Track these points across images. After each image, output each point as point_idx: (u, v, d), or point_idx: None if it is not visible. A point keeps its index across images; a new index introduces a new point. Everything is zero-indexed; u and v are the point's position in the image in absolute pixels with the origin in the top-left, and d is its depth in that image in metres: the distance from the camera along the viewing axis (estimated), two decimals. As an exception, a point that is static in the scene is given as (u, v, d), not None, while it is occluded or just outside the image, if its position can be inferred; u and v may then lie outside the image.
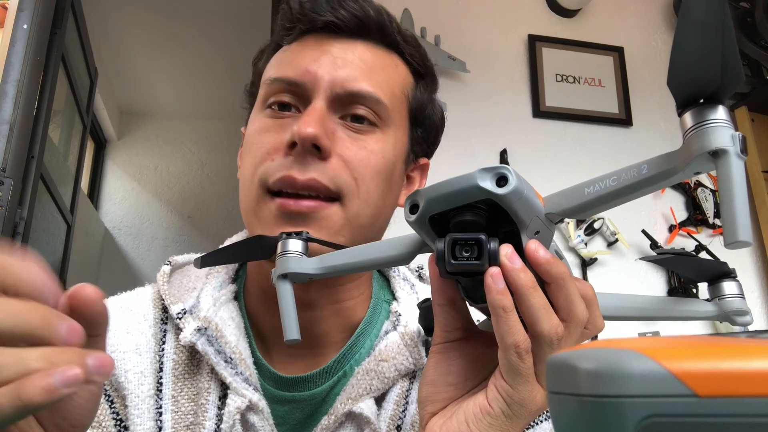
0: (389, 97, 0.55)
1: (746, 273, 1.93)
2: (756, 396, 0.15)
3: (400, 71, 0.59)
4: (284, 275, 0.42)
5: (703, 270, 0.47)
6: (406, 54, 0.59)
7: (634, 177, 0.33)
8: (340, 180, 0.52)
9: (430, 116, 0.62)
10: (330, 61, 0.54)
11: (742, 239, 0.28)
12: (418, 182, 0.64)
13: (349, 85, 0.53)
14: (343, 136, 0.53)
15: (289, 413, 0.56)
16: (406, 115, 0.59)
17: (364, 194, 0.53)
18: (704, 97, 0.31)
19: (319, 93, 0.53)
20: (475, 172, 0.34)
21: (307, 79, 0.53)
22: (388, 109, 0.55)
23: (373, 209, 0.54)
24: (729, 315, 0.44)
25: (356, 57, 0.55)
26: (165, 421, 0.52)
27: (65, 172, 2.29)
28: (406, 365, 0.54)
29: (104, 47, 3.09)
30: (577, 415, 0.17)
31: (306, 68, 0.53)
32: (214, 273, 0.60)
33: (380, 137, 0.55)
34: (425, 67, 0.61)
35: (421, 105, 0.60)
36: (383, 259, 0.42)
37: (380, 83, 0.55)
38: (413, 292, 0.62)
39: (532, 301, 0.35)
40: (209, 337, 0.54)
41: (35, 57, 1.53)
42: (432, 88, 0.63)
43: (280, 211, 0.51)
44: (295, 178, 0.50)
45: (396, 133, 0.57)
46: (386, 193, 0.56)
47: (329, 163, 0.51)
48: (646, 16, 2.16)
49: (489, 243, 0.35)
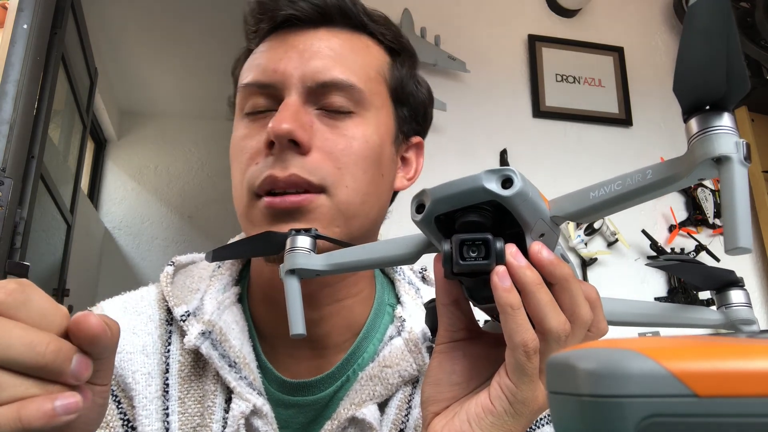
0: (364, 80, 0.54)
1: (746, 273, 1.93)
2: (756, 396, 0.15)
3: (373, 52, 0.57)
4: (292, 271, 0.43)
5: (710, 278, 0.47)
6: (377, 34, 0.58)
7: (638, 182, 0.33)
8: (322, 172, 0.51)
9: (414, 93, 0.60)
10: (297, 55, 0.53)
11: (743, 245, 0.28)
12: (414, 162, 0.63)
13: (320, 76, 0.52)
14: (321, 127, 0.52)
15: (293, 417, 0.56)
16: (387, 96, 0.57)
17: (351, 182, 0.52)
18: (709, 104, 0.31)
19: (290, 89, 0.52)
20: (481, 173, 0.34)
21: (276, 79, 0.53)
22: (365, 93, 0.54)
23: (364, 196, 0.53)
24: (736, 324, 0.44)
25: (323, 46, 0.53)
26: (172, 422, 0.52)
27: (65, 172, 2.29)
28: (410, 372, 0.54)
29: (104, 47, 3.09)
30: (577, 415, 0.17)
31: (274, 68, 0.53)
32: (217, 275, 0.60)
33: (360, 122, 0.53)
34: (399, 43, 0.60)
35: (402, 83, 0.59)
36: (390, 257, 0.42)
37: (352, 68, 0.53)
38: (417, 296, 0.61)
39: (539, 297, 0.35)
40: (213, 341, 0.53)
41: (35, 57, 1.53)
42: (411, 63, 0.61)
43: (267, 210, 0.51)
44: (276, 176, 0.50)
45: (378, 115, 0.55)
46: (377, 178, 0.55)
47: (309, 157, 0.51)
48: (646, 16, 2.16)
49: (496, 243, 0.35)
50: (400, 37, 0.60)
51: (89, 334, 0.32)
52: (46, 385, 0.31)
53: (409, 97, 0.60)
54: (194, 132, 3.85)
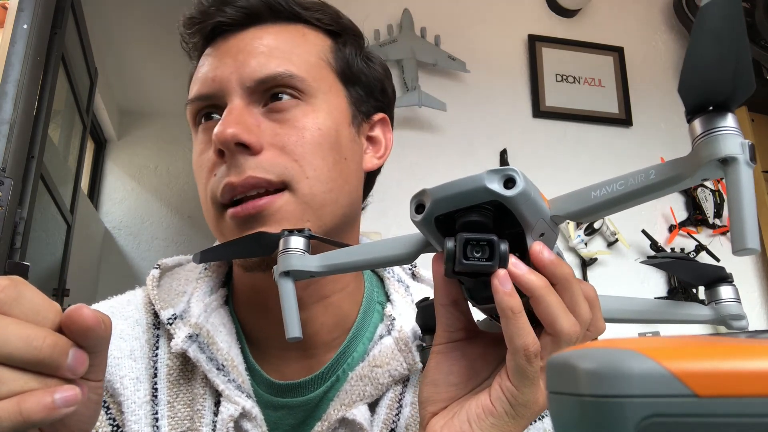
0: (305, 68, 0.54)
1: (746, 274, 1.93)
2: (756, 396, 0.15)
3: (310, 39, 0.57)
4: (286, 273, 0.42)
5: (701, 274, 0.47)
6: (312, 20, 0.57)
7: (641, 182, 0.33)
8: (278, 168, 0.50)
9: (363, 71, 0.59)
10: (231, 59, 0.53)
11: (750, 246, 0.28)
12: (383, 139, 0.62)
13: (257, 73, 0.52)
14: (270, 124, 0.52)
15: (283, 419, 0.55)
16: (334, 79, 0.56)
17: (311, 172, 0.51)
18: (714, 105, 0.31)
19: (231, 94, 0.52)
20: (483, 173, 0.34)
21: (216, 87, 0.53)
22: (307, 80, 0.53)
23: (328, 183, 0.52)
24: (725, 319, 0.45)
25: (255, 44, 0.53)
26: (162, 426, 0.52)
27: (65, 172, 2.29)
28: (400, 371, 0.54)
29: (104, 47, 3.09)
30: (577, 415, 0.17)
31: (212, 77, 0.53)
32: (204, 277, 0.59)
33: (308, 110, 0.53)
34: (339, 25, 0.59)
35: (347, 63, 0.58)
36: (386, 258, 0.42)
37: (289, 59, 0.53)
38: (408, 294, 0.61)
39: (549, 301, 0.35)
40: (201, 344, 0.53)
41: (35, 57, 1.53)
42: (355, 42, 0.60)
43: (233, 221, 0.51)
44: (233, 182, 0.50)
45: (327, 100, 0.55)
46: (339, 163, 0.54)
47: (262, 156, 0.50)
48: (646, 16, 2.16)
49: (500, 245, 0.35)
50: (339, 18, 0.59)
51: (83, 326, 0.33)
52: (44, 379, 0.32)
53: (360, 76, 0.59)
54: (194, 132, 3.84)
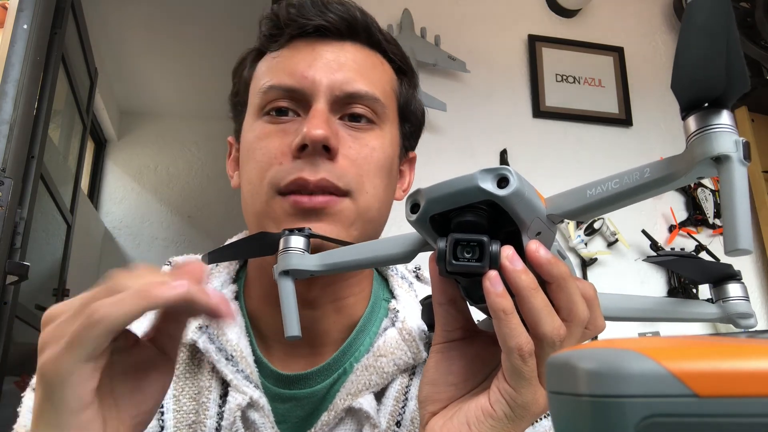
0: (383, 94, 0.58)
1: (746, 273, 1.93)
2: (756, 396, 0.15)
3: (386, 69, 0.61)
4: (285, 272, 0.42)
5: (708, 271, 0.46)
6: (389, 52, 0.61)
7: (636, 180, 0.33)
8: (347, 178, 0.54)
9: (415, 111, 0.65)
10: (324, 64, 0.55)
11: (743, 247, 0.28)
12: (408, 175, 0.67)
13: (347, 87, 0.55)
14: (345, 136, 0.55)
15: (290, 411, 0.56)
16: (396, 112, 0.61)
17: (371, 189, 0.55)
18: (708, 102, 0.30)
19: (319, 96, 0.54)
20: (476, 173, 0.33)
21: (305, 85, 0.54)
22: (385, 106, 0.57)
23: (380, 203, 0.57)
24: (733, 317, 0.44)
25: (348, 59, 0.57)
26: (167, 420, 0.53)
27: (65, 172, 2.29)
28: (404, 360, 0.55)
29: (104, 47, 3.09)
30: (577, 415, 0.17)
31: (302, 74, 0.55)
32: (215, 273, 0.61)
33: (379, 134, 0.57)
34: (406, 64, 0.64)
35: (407, 101, 0.63)
36: (384, 257, 0.42)
37: (374, 82, 0.57)
38: (411, 290, 0.62)
39: (533, 303, 0.35)
40: (210, 335, 0.54)
41: (35, 57, 1.53)
42: (413, 83, 0.65)
43: (294, 208, 0.52)
44: (307, 179, 0.52)
45: (391, 129, 0.59)
46: (388, 187, 0.58)
47: (337, 163, 0.53)
48: (646, 16, 2.16)
49: (491, 245, 0.35)
50: (406, 58, 0.64)
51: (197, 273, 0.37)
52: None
53: (411, 115, 0.64)
54: (194, 132, 3.84)
